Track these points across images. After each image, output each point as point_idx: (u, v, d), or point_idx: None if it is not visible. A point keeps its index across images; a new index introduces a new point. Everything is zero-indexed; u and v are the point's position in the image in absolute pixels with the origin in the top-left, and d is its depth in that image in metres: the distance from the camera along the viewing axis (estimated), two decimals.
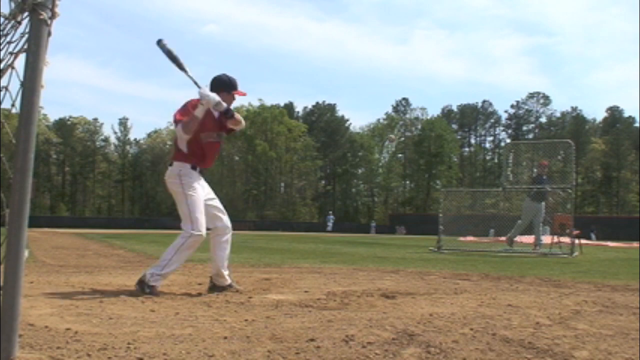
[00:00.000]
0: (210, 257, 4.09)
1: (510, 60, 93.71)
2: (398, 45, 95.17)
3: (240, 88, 4.08)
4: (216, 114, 3.96)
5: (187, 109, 3.85)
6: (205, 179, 4.13)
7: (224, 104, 3.83)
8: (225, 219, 4.06)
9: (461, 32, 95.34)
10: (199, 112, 3.77)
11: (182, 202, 3.84)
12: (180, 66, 3.82)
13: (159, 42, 3.83)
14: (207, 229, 3.89)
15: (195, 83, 3.82)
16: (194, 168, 3.90)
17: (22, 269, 1.70)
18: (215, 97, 3.77)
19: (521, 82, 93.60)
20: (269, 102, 66.03)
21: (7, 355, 1.65)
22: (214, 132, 3.99)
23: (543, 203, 11.34)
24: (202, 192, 3.92)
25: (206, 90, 3.81)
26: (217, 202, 4.06)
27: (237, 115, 3.98)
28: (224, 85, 3.99)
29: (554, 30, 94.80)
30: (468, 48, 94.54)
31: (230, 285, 4.02)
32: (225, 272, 4.04)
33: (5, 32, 1.71)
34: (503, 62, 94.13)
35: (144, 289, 3.66)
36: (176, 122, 3.84)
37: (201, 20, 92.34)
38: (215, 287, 4.02)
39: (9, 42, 1.72)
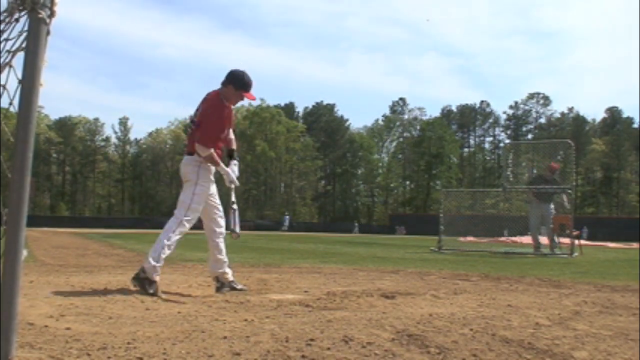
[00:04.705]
0: (209, 257, 4.11)
1: (516, 62, 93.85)
2: (401, 42, 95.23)
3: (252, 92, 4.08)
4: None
5: (217, 135, 3.94)
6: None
7: (237, 183, 4.17)
8: (224, 223, 4.14)
9: (466, 29, 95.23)
10: (221, 169, 4.02)
11: (189, 189, 3.89)
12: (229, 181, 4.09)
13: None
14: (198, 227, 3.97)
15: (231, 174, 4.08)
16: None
17: (20, 268, 1.69)
18: (234, 178, 4.11)
19: (522, 82, 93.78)
20: (271, 102, 66.14)
21: (6, 355, 1.65)
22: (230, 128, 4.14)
23: (550, 205, 11.25)
24: (210, 190, 4.03)
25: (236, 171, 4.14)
26: (218, 205, 4.14)
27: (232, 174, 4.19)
28: (238, 82, 3.97)
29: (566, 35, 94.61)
30: (472, 46, 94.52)
31: (232, 282, 4.06)
32: (229, 271, 4.09)
33: (3, 30, 1.71)
34: (507, 61, 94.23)
35: (144, 286, 3.63)
36: (206, 145, 3.85)
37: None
38: (223, 285, 4.05)
39: (7, 40, 1.71)
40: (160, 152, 67.61)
